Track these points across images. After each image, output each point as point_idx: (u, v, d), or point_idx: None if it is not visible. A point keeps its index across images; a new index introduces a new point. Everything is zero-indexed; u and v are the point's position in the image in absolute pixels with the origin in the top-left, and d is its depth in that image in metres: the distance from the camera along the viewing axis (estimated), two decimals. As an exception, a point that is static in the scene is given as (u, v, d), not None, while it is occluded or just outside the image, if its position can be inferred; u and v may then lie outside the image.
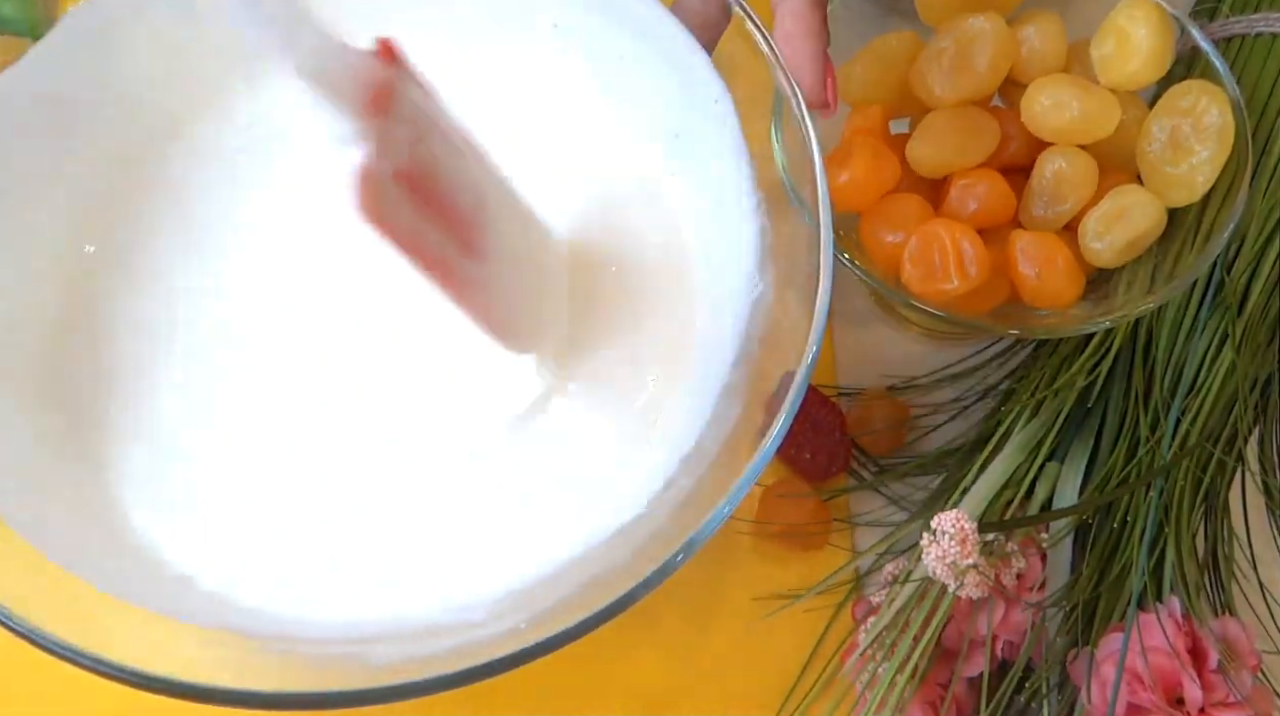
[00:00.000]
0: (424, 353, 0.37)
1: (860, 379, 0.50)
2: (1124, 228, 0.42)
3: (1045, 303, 0.43)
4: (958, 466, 0.46)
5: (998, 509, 0.43)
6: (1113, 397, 0.46)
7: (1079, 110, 0.42)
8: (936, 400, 0.49)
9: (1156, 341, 0.46)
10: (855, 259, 0.42)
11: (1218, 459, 0.44)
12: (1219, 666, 0.39)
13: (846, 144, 0.44)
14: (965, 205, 0.43)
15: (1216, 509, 0.45)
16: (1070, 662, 0.42)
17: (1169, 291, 0.41)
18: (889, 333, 0.51)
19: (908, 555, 0.43)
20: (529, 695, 0.44)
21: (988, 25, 0.43)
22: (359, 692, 0.28)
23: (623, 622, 0.29)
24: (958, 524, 0.38)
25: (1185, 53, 0.46)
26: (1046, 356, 0.47)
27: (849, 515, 0.48)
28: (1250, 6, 0.51)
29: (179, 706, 0.29)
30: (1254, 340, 0.46)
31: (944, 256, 0.41)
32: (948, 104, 0.44)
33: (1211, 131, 0.42)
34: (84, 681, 0.28)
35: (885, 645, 0.41)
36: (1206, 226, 0.43)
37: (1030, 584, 0.42)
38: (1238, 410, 0.44)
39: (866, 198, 0.44)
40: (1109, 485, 0.44)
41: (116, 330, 0.37)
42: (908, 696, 0.41)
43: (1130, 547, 0.42)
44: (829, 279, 0.33)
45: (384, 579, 0.35)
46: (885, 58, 0.45)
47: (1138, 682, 0.39)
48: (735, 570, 0.46)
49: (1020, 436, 0.45)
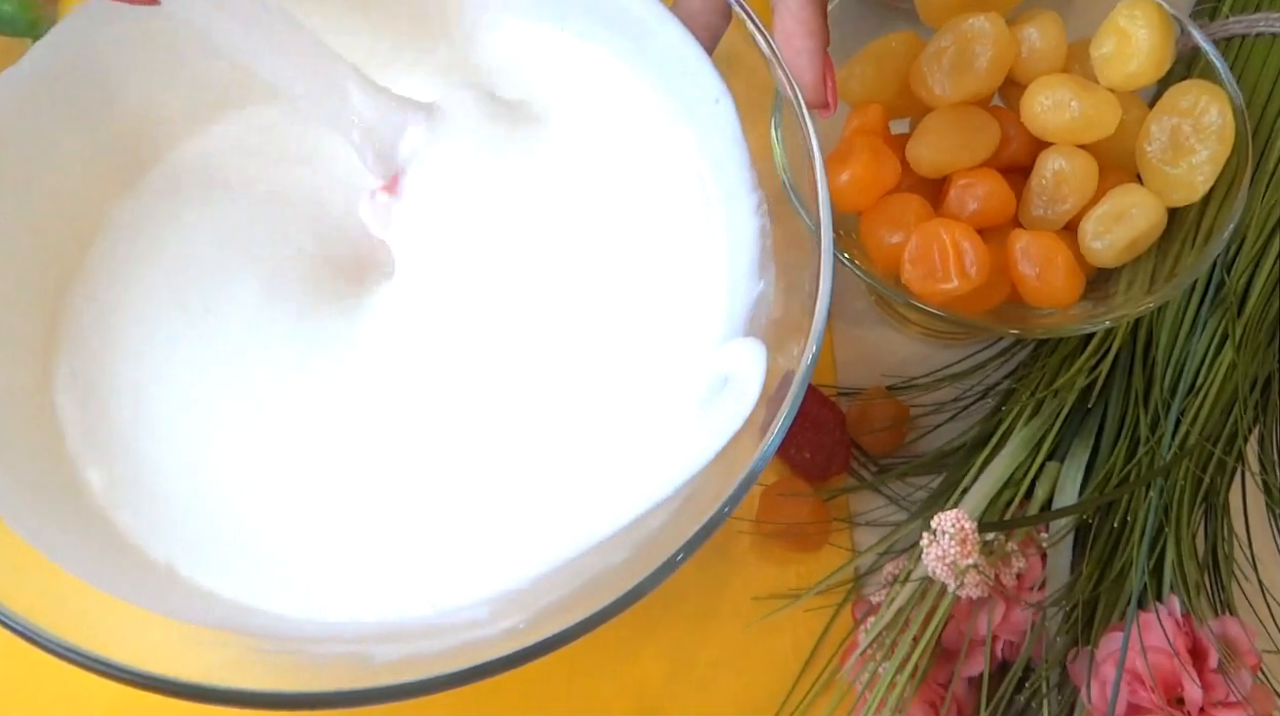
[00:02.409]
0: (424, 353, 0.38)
1: (860, 379, 0.50)
2: (1124, 228, 0.42)
3: (1045, 302, 0.43)
4: (958, 466, 0.46)
5: (998, 509, 0.43)
6: (1113, 397, 0.46)
7: (1079, 110, 0.42)
8: (936, 400, 0.49)
9: (1156, 341, 0.46)
10: (855, 259, 0.42)
11: (1218, 459, 0.44)
12: (1219, 666, 0.39)
13: (846, 144, 0.44)
14: (965, 205, 0.43)
15: (1216, 509, 0.45)
16: (1070, 662, 0.42)
17: (1169, 291, 0.41)
18: (889, 333, 0.51)
19: (908, 555, 0.43)
20: (529, 695, 0.44)
21: (988, 25, 0.43)
22: (359, 692, 0.28)
23: (623, 622, 0.29)
24: (958, 524, 0.38)
25: (1185, 53, 0.46)
26: (1046, 356, 0.47)
27: (849, 515, 0.48)
28: (1250, 6, 0.51)
29: (179, 706, 0.29)
30: (1254, 340, 0.46)
31: (944, 256, 0.41)
32: (948, 104, 0.44)
33: (1211, 131, 0.42)
34: (84, 681, 0.28)
35: (885, 645, 0.41)
36: (1206, 226, 0.43)
37: (1030, 584, 0.42)
38: (1238, 410, 0.44)
39: (866, 198, 0.44)
40: (1109, 485, 0.44)
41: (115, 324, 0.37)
42: (908, 696, 0.41)
43: (1130, 547, 0.42)
44: (829, 279, 0.32)
45: (384, 578, 0.35)
46: (885, 58, 0.45)
47: (1138, 682, 0.39)
48: (735, 570, 0.46)
49: (1020, 436, 0.45)
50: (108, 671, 0.28)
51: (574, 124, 0.40)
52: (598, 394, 0.37)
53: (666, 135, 0.40)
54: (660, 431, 0.36)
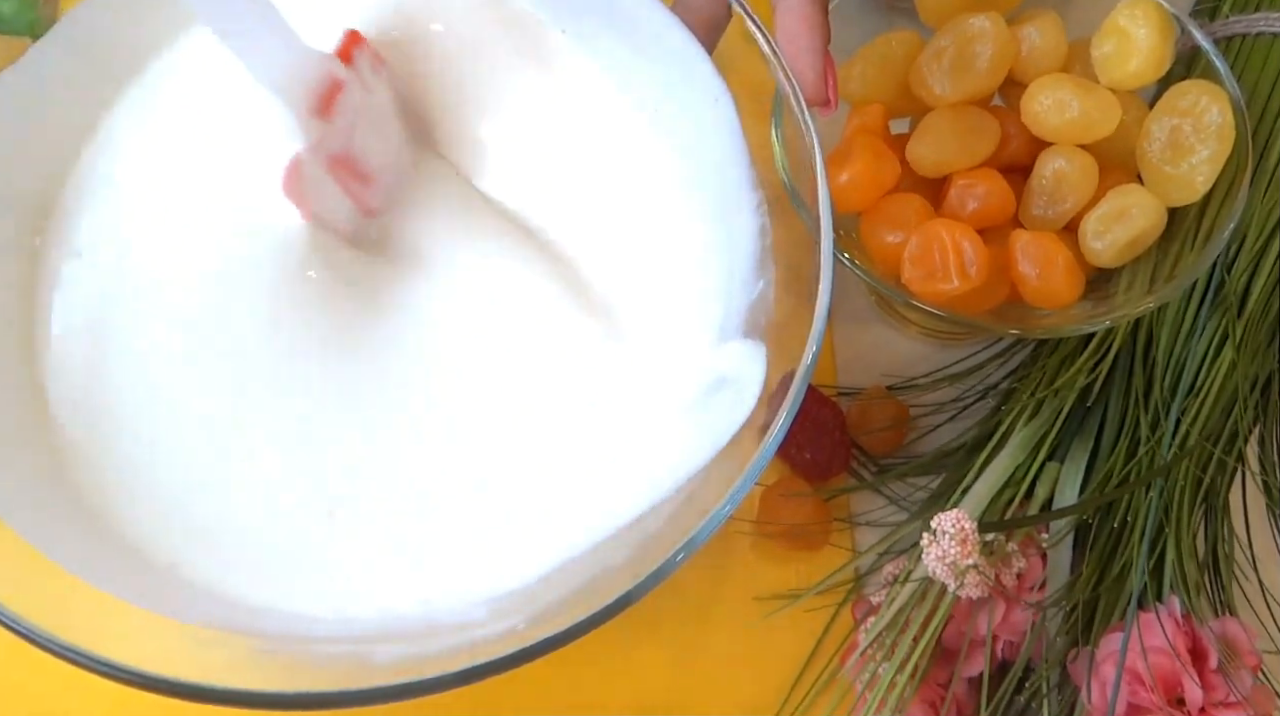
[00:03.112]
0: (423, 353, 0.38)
1: (860, 379, 0.50)
2: (1124, 228, 0.42)
3: (1045, 303, 0.43)
4: (958, 466, 0.46)
5: (998, 509, 0.43)
6: (1113, 397, 0.46)
7: (1079, 110, 0.42)
8: (936, 400, 0.49)
9: (1156, 341, 0.46)
10: (855, 259, 0.42)
11: (1218, 459, 0.44)
12: (1219, 666, 0.39)
13: (846, 144, 0.44)
14: (965, 205, 0.43)
15: (1216, 509, 0.45)
16: (1070, 662, 0.42)
17: (1169, 291, 0.41)
18: (889, 333, 0.51)
19: (908, 555, 0.43)
20: (529, 695, 0.44)
21: (988, 25, 0.43)
22: (359, 692, 0.28)
23: (623, 622, 0.29)
24: (958, 524, 0.38)
25: (1185, 53, 0.46)
26: (1046, 356, 0.47)
27: (849, 515, 0.48)
28: (1250, 6, 0.51)
29: (179, 706, 0.29)
30: (1254, 340, 0.46)
31: (944, 256, 0.41)
32: (948, 104, 0.44)
33: (1211, 131, 0.42)
34: (84, 681, 0.28)
35: (885, 645, 0.41)
36: (1206, 226, 0.43)
37: (1030, 584, 0.42)
38: (1238, 410, 0.44)
39: (866, 198, 0.44)
40: (1109, 485, 0.44)
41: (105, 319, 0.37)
42: (908, 696, 0.41)
43: (1130, 547, 0.42)
44: (829, 279, 0.32)
45: (384, 579, 0.35)
46: (885, 57, 0.45)
47: (1138, 682, 0.39)
48: (735, 570, 0.46)
49: (1020, 436, 0.45)
50: (108, 671, 0.28)
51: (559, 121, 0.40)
52: (597, 394, 0.37)
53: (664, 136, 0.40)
54: (660, 432, 0.36)
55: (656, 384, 0.37)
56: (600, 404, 0.37)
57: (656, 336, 0.38)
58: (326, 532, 0.35)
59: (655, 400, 0.37)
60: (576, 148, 0.41)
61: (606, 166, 0.40)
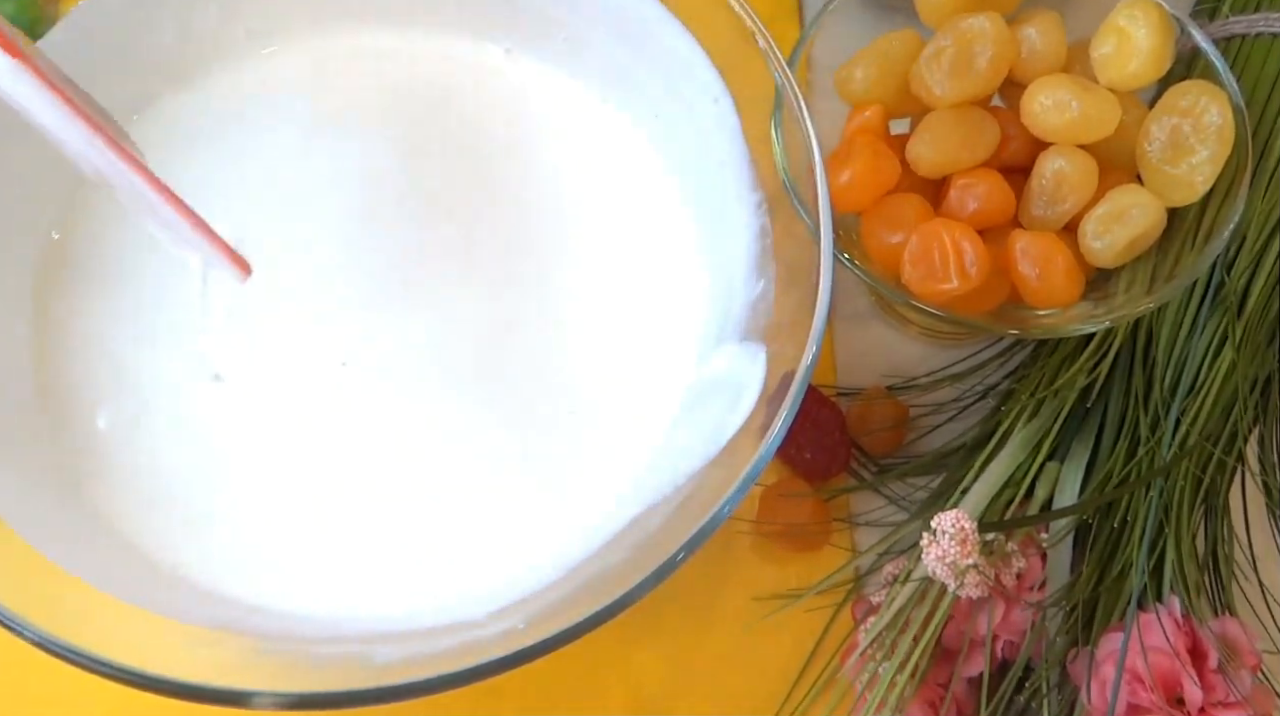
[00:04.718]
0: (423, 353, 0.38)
1: (860, 379, 0.50)
2: (1124, 228, 0.42)
3: (1045, 302, 0.43)
4: (958, 466, 0.46)
5: (998, 509, 0.43)
6: (1113, 397, 0.46)
7: (1079, 110, 0.42)
8: (936, 400, 0.49)
9: (1156, 341, 0.46)
10: (855, 259, 0.42)
11: (1218, 459, 0.44)
12: (1219, 666, 0.39)
13: (846, 144, 0.44)
14: (965, 205, 0.43)
15: (1216, 509, 0.45)
16: (1070, 662, 0.42)
17: (1169, 291, 0.41)
18: (889, 333, 0.51)
19: (908, 555, 0.43)
20: (529, 695, 0.44)
21: (988, 25, 0.43)
22: (359, 692, 0.28)
23: (623, 622, 0.29)
24: (958, 524, 0.38)
25: (1185, 53, 0.45)
26: (1046, 356, 0.47)
27: (849, 515, 0.48)
28: (1250, 6, 0.51)
29: (179, 706, 0.29)
30: (1254, 340, 0.46)
31: (944, 256, 0.41)
32: (948, 104, 0.44)
33: (1211, 131, 0.42)
34: (84, 681, 0.28)
35: (885, 645, 0.41)
36: (1206, 226, 0.43)
37: (1030, 584, 0.42)
38: (1238, 410, 0.44)
39: (866, 198, 0.44)
40: (1109, 485, 0.44)
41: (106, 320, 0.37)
42: (908, 696, 0.41)
43: (1130, 547, 0.42)
44: (829, 279, 0.33)
45: (384, 579, 0.35)
46: (885, 58, 0.45)
47: (1138, 682, 0.39)
48: (735, 570, 0.46)
49: (1020, 436, 0.45)
50: (108, 671, 0.28)
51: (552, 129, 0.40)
52: (597, 394, 0.37)
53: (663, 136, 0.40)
54: (659, 432, 0.36)
55: (656, 384, 0.37)
56: (600, 404, 0.37)
57: (655, 336, 0.38)
58: (330, 535, 0.35)
59: (655, 400, 0.37)
60: (577, 148, 0.41)
61: (606, 167, 0.40)
